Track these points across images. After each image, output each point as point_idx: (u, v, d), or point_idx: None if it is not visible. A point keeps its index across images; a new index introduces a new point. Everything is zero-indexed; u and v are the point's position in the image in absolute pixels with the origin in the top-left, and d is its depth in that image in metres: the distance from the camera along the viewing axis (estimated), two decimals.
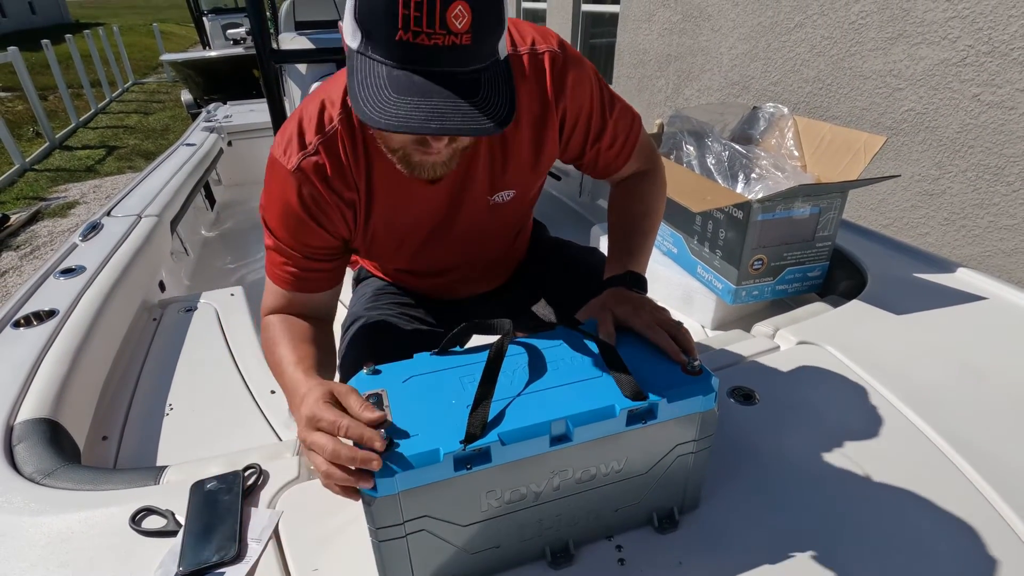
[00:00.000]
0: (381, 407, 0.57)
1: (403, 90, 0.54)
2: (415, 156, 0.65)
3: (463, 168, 0.79)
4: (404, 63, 0.54)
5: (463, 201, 0.83)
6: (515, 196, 0.85)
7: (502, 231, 0.94)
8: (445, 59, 0.54)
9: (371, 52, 0.55)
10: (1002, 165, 2.44)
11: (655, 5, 4.53)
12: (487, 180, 0.81)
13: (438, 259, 0.93)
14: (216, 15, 8.10)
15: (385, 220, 0.81)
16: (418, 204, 0.81)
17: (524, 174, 0.83)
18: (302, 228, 0.76)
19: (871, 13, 2.86)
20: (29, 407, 0.89)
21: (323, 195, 0.74)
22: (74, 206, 4.81)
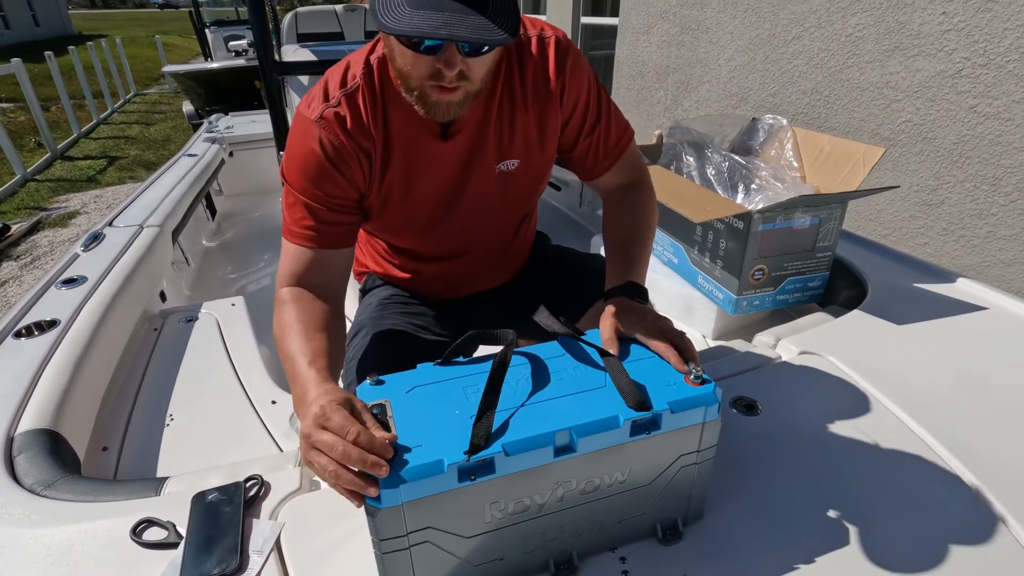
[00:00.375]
0: (385, 416, 0.57)
1: (418, 4, 0.60)
2: (431, 95, 0.70)
3: (474, 131, 0.84)
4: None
5: (473, 165, 0.86)
6: (520, 167, 0.89)
7: (506, 208, 0.96)
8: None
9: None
10: (999, 176, 2.45)
11: (653, 18, 4.58)
12: (495, 147, 0.86)
13: (446, 236, 0.93)
14: (218, 27, 8.18)
15: (400, 177, 0.84)
16: (432, 163, 0.84)
17: (529, 147, 0.88)
18: (323, 176, 0.79)
19: (867, 26, 2.89)
20: (30, 418, 0.89)
21: (343, 143, 0.78)
22: (75, 216, 4.82)
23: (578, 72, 0.85)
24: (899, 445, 0.81)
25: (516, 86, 0.84)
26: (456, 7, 0.60)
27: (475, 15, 0.60)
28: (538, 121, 0.86)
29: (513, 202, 0.97)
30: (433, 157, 0.84)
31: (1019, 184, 2.39)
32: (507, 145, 0.87)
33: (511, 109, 0.84)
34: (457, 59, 0.66)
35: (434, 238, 0.95)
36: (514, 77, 0.84)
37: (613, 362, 0.63)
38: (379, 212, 0.88)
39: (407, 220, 0.91)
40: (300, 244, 0.82)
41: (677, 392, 0.61)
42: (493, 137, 0.85)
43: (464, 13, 0.60)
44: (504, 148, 0.87)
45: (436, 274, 1.04)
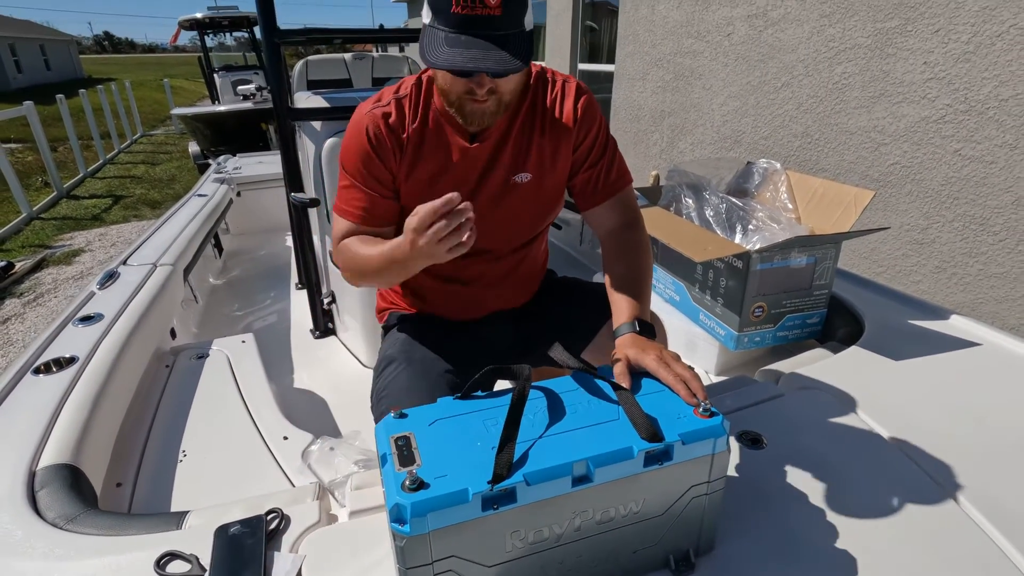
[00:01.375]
0: (410, 449, 0.60)
1: (453, 44, 0.77)
2: (467, 105, 0.86)
3: (496, 141, 0.98)
4: (456, 28, 0.77)
5: (491, 171, 0.99)
6: (531, 182, 1.01)
7: (516, 220, 1.06)
8: (483, 24, 0.76)
9: (436, 24, 0.78)
10: (987, 216, 2.53)
11: (648, 65, 4.77)
12: (511, 159, 1.00)
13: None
14: (227, 72, 8.44)
15: (430, 170, 0.97)
16: (459, 162, 0.98)
17: (542, 165, 1.01)
18: (368, 160, 0.95)
19: (853, 75, 3.03)
20: (51, 453, 0.90)
21: (383, 134, 0.95)
22: (79, 254, 4.87)
23: (591, 113, 1.01)
24: (899, 478, 0.83)
25: (537, 113, 0.99)
26: (482, 44, 0.76)
27: (497, 50, 0.76)
28: (552, 145, 1.00)
29: (523, 217, 1.06)
30: (460, 157, 0.98)
31: (1006, 224, 2.46)
32: (522, 160, 1.00)
33: (530, 130, 0.99)
34: (486, 80, 0.82)
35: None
36: (537, 106, 1.00)
37: (626, 396, 0.66)
38: (408, 200, 0.99)
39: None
40: (349, 220, 0.98)
41: (687, 424, 0.63)
42: (511, 150, 0.99)
43: (488, 49, 0.76)
44: (519, 162, 1.00)
45: (453, 289, 1.11)
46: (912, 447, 0.89)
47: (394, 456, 0.59)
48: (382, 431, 0.63)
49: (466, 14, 0.75)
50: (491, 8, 0.75)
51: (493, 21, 0.76)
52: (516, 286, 1.16)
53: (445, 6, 0.76)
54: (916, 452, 0.88)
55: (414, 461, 0.58)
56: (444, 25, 0.77)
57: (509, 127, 0.98)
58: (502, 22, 0.77)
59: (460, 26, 0.76)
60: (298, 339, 2.11)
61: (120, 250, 4.93)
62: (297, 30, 1.90)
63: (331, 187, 1.84)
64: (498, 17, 0.76)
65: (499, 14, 0.76)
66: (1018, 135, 2.37)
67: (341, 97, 2.06)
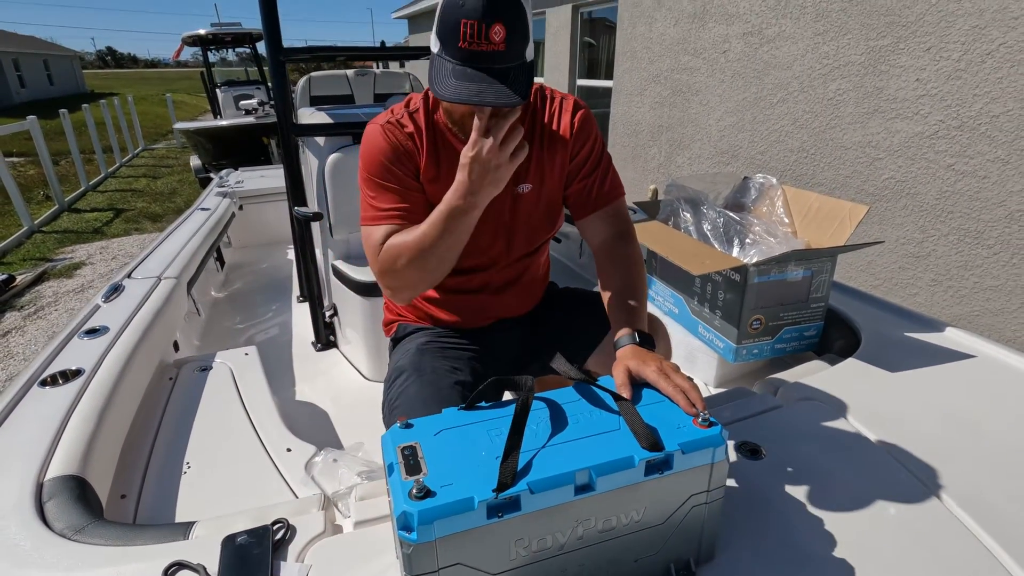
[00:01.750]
0: (416, 459, 0.61)
1: (460, 77, 0.81)
2: (469, 123, 0.88)
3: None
4: (462, 61, 0.81)
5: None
6: (531, 192, 1.06)
7: (519, 230, 1.10)
8: (486, 59, 0.80)
9: (444, 55, 0.82)
10: (981, 229, 2.56)
11: (646, 81, 4.84)
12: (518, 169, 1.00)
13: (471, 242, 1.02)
14: (229, 87, 8.53)
15: (443, 182, 0.99)
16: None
17: (542, 176, 1.06)
18: (394, 160, 0.99)
19: (847, 91, 3.08)
20: (58, 464, 0.91)
21: (400, 141, 1.00)
22: (80, 267, 4.89)
23: (587, 127, 1.07)
24: (896, 488, 0.84)
25: (537, 127, 1.05)
26: (485, 79, 0.80)
27: (498, 84, 0.80)
28: (551, 157, 1.05)
29: (526, 226, 1.10)
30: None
31: (1000, 237, 2.49)
32: (523, 171, 1.04)
33: (530, 143, 1.01)
34: (487, 110, 0.84)
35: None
36: (536, 120, 1.05)
37: (626, 406, 0.68)
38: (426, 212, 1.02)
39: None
40: (388, 223, 0.98)
41: (687, 434, 0.65)
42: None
43: (490, 83, 0.80)
44: (520, 173, 1.04)
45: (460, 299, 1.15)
46: (908, 457, 0.90)
47: (401, 465, 0.60)
48: (389, 441, 0.65)
49: (472, 49, 0.79)
50: (495, 44, 0.79)
51: (495, 56, 0.80)
52: (520, 294, 1.19)
53: (453, 40, 0.80)
54: (912, 462, 0.89)
55: (420, 470, 0.59)
56: (451, 57, 0.81)
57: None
58: (504, 57, 0.80)
59: (466, 60, 0.80)
60: (300, 352, 2.12)
61: (121, 263, 4.95)
62: (301, 48, 1.94)
63: (334, 200, 1.87)
64: (501, 52, 0.80)
65: (502, 50, 0.80)
66: (1010, 150, 2.41)
67: (344, 113, 2.10)
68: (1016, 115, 2.37)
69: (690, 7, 4.18)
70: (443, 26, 0.81)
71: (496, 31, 0.78)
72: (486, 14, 0.77)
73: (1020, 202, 2.40)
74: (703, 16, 4.07)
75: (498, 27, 0.78)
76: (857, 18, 2.97)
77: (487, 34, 0.78)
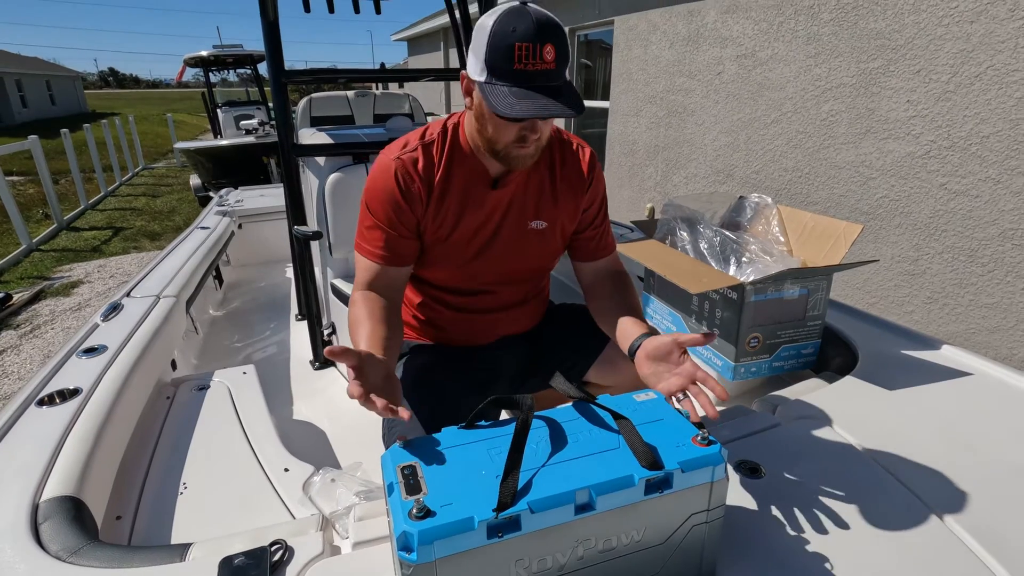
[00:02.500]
0: (416, 478, 0.61)
1: (521, 97, 0.84)
2: (512, 151, 0.94)
3: (517, 190, 1.06)
4: (518, 82, 0.84)
5: (510, 216, 1.07)
6: (546, 229, 1.10)
7: (529, 260, 1.14)
8: (541, 78, 0.84)
9: (495, 80, 0.85)
10: (975, 248, 2.59)
11: (642, 102, 4.91)
12: (533, 206, 1.08)
13: (479, 271, 1.11)
14: (229, 107, 8.63)
15: (454, 213, 1.04)
16: (481, 206, 1.05)
17: (556, 214, 1.10)
18: (396, 205, 1.01)
19: (840, 112, 3.13)
20: (54, 485, 0.91)
21: (412, 178, 1.01)
22: (77, 285, 4.88)
23: (599, 179, 1.14)
24: (896, 506, 0.84)
25: (557, 169, 1.09)
26: (544, 97, 0.84)
27: (554, 100, 0.84)
28: (567, 199, 1.11)
29: (535, 258, 1.14)
30: (483, 201, 1.05)
31: (994, 255, 2.52)
32: (539, 209, 1.09)
33: (551, 184, 1.09)
34: (539, 126, 0.91)
35: (470, 271, 1.11)
36: (555, 163, 1.09)
37: (626, 425, 0.68)
38: (432, 241, 1.06)
39: (452, 250, 1.08)
40: (371, 260, 1.03)
41: (686, 452, 0.65)
42: (530, 199, 1.08)
43: (549, 99, 0.84)
44: (536, 210, 1.09)
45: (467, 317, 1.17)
46: (909, 476, 0.90)
47: (401, 485, 0.60)
48: (388, 460, 0.65)
49: (528, 70, 0.84)
50: (547, 64, 0.84)
51: (549, 75, 0.85)
52: (525, 313, 1.23)
53: (507, 63, 0.84)
54: (913, 481, 0.89)
55: (420, 490, 0.59)
56: (505, 80, 0.84)
57: (529, 178, 1.07)
58: (555, 75, 0.85)
59: (521, 81, 0.84)
60: (298, 370, 2.12)
61: (119, 281, 4.95)
62: (303, 71, 1.97)
63: (333, 220, 1.88)
64: (553, 71, 0.85)
65: (553, 68, 0.85)
66: (1001, 170, 2.45)
67: (344, 133, 2.12)
68: (1006, 136, 2.41)
69: (684, 30, 4.26)
70: (494, 53, 0.84)
71: (548, 51, 0.83)
72: (538, 36, 0.82)
73: (1013, 221, 2.43)
74: (697, 39, 4.15)
75: (549, 47, 0.83)
76: (848, 41, 3.03)
77: (541, 54, 0.83)
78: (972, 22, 2.47)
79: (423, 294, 1.19)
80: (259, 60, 8.65)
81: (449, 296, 1.16)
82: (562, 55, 0.85)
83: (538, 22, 0.82)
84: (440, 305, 1.18)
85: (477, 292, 1.15)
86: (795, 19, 3.32)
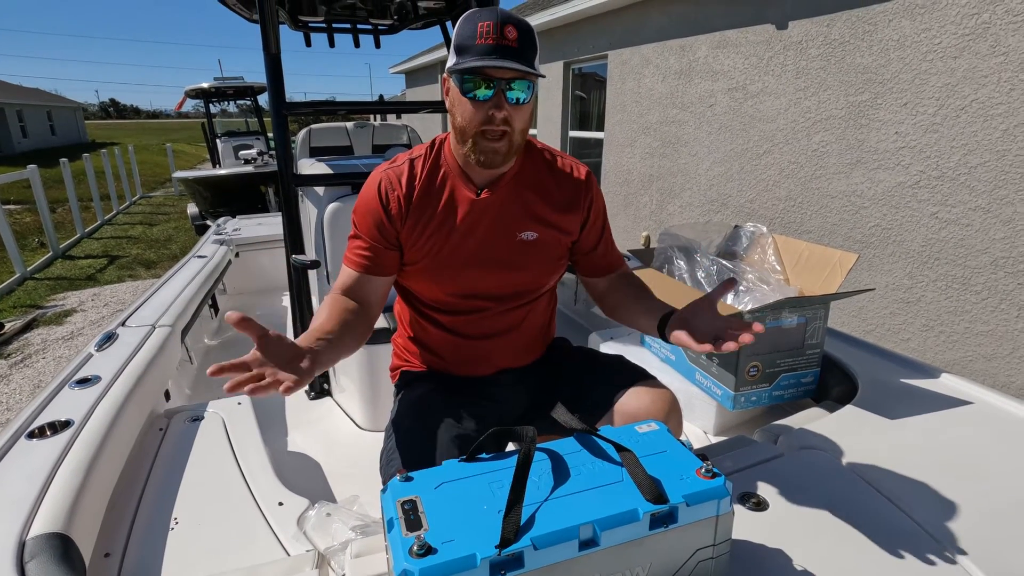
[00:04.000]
0: (417, 514, 0.60)
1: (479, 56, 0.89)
2: (482, 143, 0.95)
3: (504, 197, 1.06)
4: (481, 55, 0.89)
5: (499, 224, 1.07)
6: (536, 240, 1.09)
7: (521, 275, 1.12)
8: (502, 52, 0.89)
9: (461, 60, 0.90)
10: (968, 276, 2.61)
11: (636, 133, 5.00)
12: (522, 216, 1.08)
13: (472, 283, 1.09)
14: (229, 137, 8.73)
15: (439, 222, 1.05)
16: (468, 213, 1.05)
17: (547, 226, 1.09)
18: (376, 216, 1.04)
19: (830, 143, 3.19)
20: (42, 521, 0.88)
21: (394, 189, 1.05)
22: (71, 314, 4.85)
23: (598, 195, 1.14)
24: (902, 539, 0.83)
25: (549, 182, 1.09)
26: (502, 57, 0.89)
27: (514, 62, 0.89)
28: (561, 212, 1.10)
29: (527, 272, 1.12)
30: (467, 209, 1.06)
31: (987, 283, 2.54)
32: (528, 219, 1.09)
33: (541, 195, 1.08)
34: (504, 104, 0.92)
35: (460, 283, 1.10)
36: (547, 176, 1.09)
37: (630, 457, 0.67)
38: (418, 250, 1.07)
39: (440, 259, 1.07)
40: (351, 267, 1.06)
41: (691, 485, 0.64)
42: (518, 208, 1.07)
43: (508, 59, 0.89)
44: (525, 221, 1.08)
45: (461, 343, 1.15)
46: (913, 508, 0.89)
47: (401, 521, 0.59)
48: (388, 495, 0.64)
49: (489, 44, 0.89)
50: (509, 41, 0.90)
51: (510, 51, 0.90)
52: (522, 342, 1.19)
53: (471, 41, 0.90)
54: (917, 513, 0.88)
55: (421, 525, 0.58)
56: (469, 55, 0.90)
57: (517, 186, 1.07)
58: (517, 54, 0.90)
59: (484, 54, 0.90)
60: (293, 400, 2.09)
61: (113, 310, 4.91)
62: (304, 103, 2.00)
63: (332, 249, 1.89)
64: (515, 49, 0.90)
65: (516, 47, 0.90)
66: (990, 199, 2.49)
67: (343, 164, 2.15)
68: (993, 166, 2.46)
69: (676, 64, 4.37)
70: (460, 37, 0.91)
71: (509, 30, 0.89)
72: (501, 18, 0.89)
73: (1004, 249, 2.46)
74: (689, 73, 4.26)
75: (510, 27, 0.89)
76: (836, 75, 3.11)
77: (502, 31, 0.89)
78: (956, 57, 2.55)
79: (417, 313, 1.18)
80: (259, 92, 8.79)
81: (441, 315, 1.14)
82: (526, 40, 0.91)
83: (502, 11, 0.90)
84: (432, 324, 1.16)
85: (469, 311, 1.13)
86: (784, 54, 3.42)
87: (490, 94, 0.92)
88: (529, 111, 0.98)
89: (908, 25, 2.72)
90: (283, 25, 2.21)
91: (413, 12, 2.53)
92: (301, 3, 2.33)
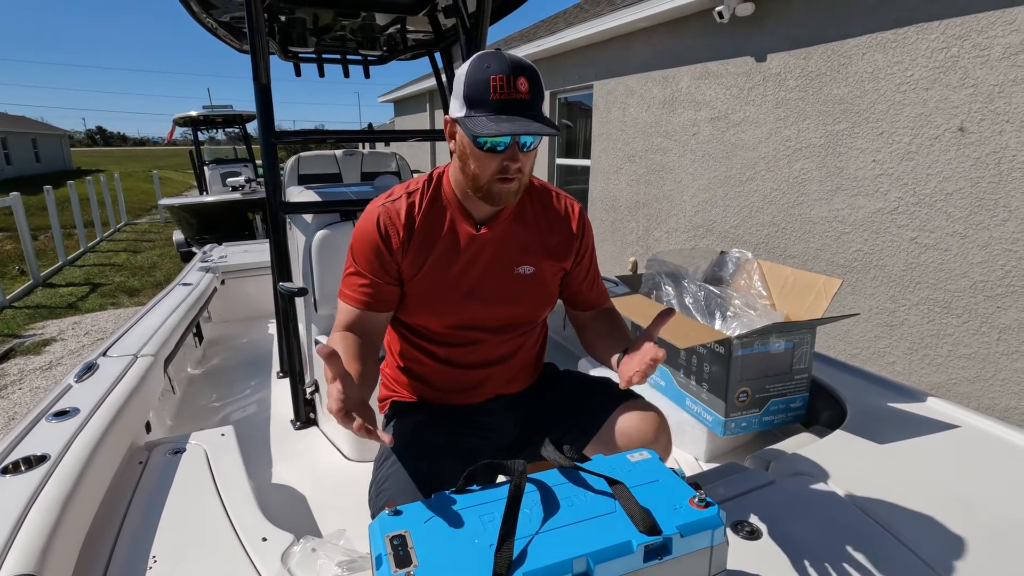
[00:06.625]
0: (406, 549, 0.58)
1: (498, 121, 0.89)
2: (495, 187, 0.96)
3: (502, 233, 1.08)
4: (495, 111, 0.89)
5: (496, 260, 1.08)
6: (534, 274, 1.11)
7: (516, 307, 1.13)
8: (516, 106, 0.90)
9: (474, 113, 0.90)
10: (948, 299, 2.66)
11: (622, 160, 5.09)
12: (520, 251, 1.09)
13: (470, 317, 1.10)
14: (217, 165, 8.74)
15: (438, 256, 1.05)
16: (466, 248, 1.06)
17: (543, 259, 1.11)
18: (376, 251, 1.04)
19: (811, 170, 3.27)
20: (12, 562, 0.84)
21: (394, 224, 1.04)
22: (49, 343, 4.74)
23: (589, 231, 1.17)
24: (895, 566, 0.82)
25: (544, 218, 1.12)
26: (519, 118, 0.89)
27: (532, 122, 0.90)
28: (557, 248, 1.12)
29: (522, 305, 1.13)
30: (467, 244, 1.07)
31: (967, 307, 2.59)
32: (526, 254, 1.10)
33: (538, 230, 1.11)
34: (519, 155, 0.94)
35: (457, 317, 1.10)
36: (541, 210, 1.12)
37: (621, 489, 0.66)
38: (416, 285, 1.07)
39: (439, 294, 1.08)
40: (352, 305, 1.05)
41: (684, 516, 0.63)
42: (516, 243, 1.09)
43: (526, 120, 0.89)
44: (524, 255, 1.10)
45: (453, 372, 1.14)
46: (904, 533, 0.88)
47: (390, 556, 0.57)
48: (376, 530, 0.62)
49: (504, 99, 0.90)
50: (522, 94, 0.90)
51: (523, 104, 0.91)
52: (514, 370, 1.18)
53: (484, 96, 0.90)
54: (908, 538, 0.87)
55: (411, 562, 0.57)
56: (482, 110, 0.90)
57: (515, 223, 1.09)
58: (530, 105, 0.91)
59: (499, 109, 0.90)
60: (278, 430, 2.05)
61: (93, 339, 4.81)
62: (293, 131, 2.01)
63: (320, 277, 1.88)
64: (527, 101, 0.91)
65: (528, 99, 0.91)
66: (966, 225, 2.55)
67: (332, 191, 2.15)
68: (968, 193, 2.53)
69: (660, 94, 4.48)
70: (471, 87, 0.91)
71: (521, 82, 0.90)
72: (512, 70, 0.89)
73: (982, 273, 2.52)
74: (672, 103, 4.36)
75: (523, 79, 0.90)
76: (814, 105, 3.21)
77: (515, 85, 0.89)
78: (928, 89, 2.64)
79: (409, 344, 1.17)
80: (248, 120, 8.84)
81: (437, 347, 1.14)
82: (536, 90, 0.92)
83: (511, 59, 0.90)
84: (424, 355, 1.16)
85: (466, 344, 1.13)
86: (763, 85, 3.52)
87: (506, 145, 0.93)
88: (536, 153, 1.01)
89: (881, 58, 2.82)
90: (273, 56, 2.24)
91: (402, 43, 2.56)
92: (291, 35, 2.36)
